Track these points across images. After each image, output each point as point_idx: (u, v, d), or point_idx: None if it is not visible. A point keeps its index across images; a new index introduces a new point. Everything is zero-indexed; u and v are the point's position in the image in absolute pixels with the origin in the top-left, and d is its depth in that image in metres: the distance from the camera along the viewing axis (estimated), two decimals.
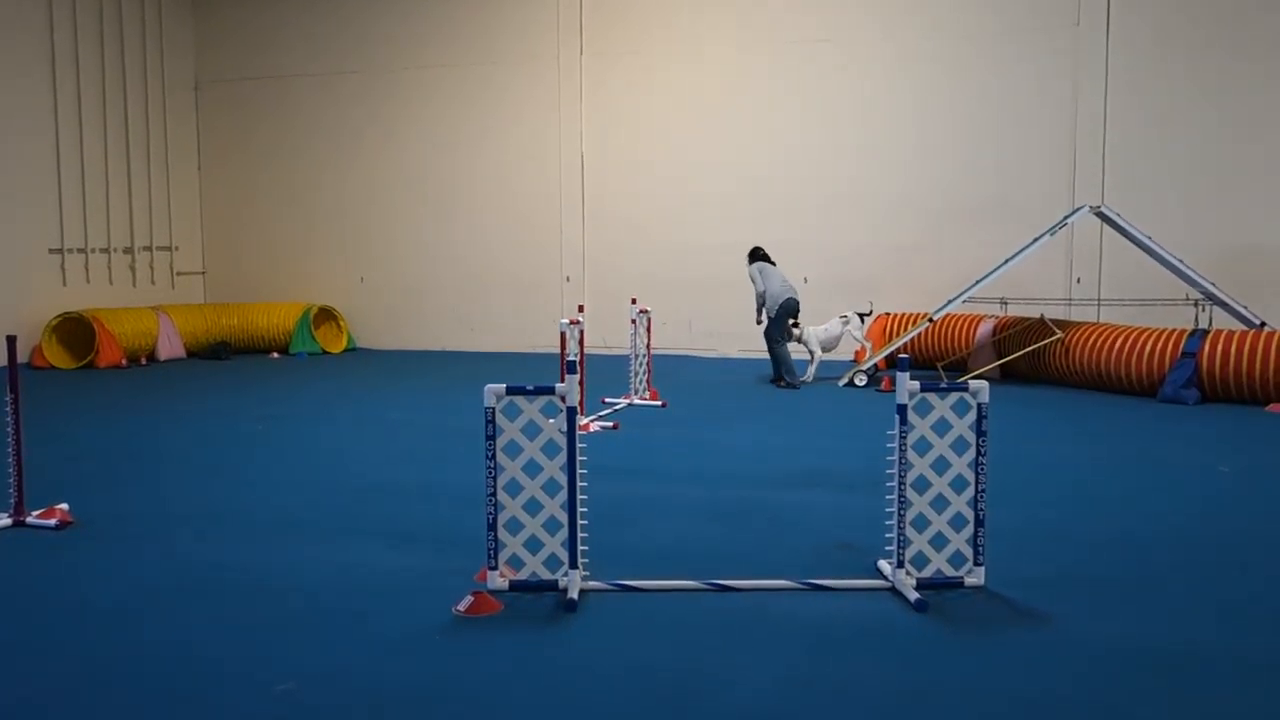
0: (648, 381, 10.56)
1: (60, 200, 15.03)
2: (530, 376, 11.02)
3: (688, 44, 14.85)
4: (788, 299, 11.71)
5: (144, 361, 14.86)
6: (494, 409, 4.71)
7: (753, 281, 11.93)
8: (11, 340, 6.11)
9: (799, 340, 11.99)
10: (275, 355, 15.77)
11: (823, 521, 6.08)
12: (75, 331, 14.64)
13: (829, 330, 12.27)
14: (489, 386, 4.72)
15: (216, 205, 17.35)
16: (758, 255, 12.11)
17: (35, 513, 6.04)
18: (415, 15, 15.96)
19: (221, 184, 17.31)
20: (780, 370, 11.84)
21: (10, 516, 6.01)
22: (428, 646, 4.21)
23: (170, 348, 15.28)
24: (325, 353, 15.85)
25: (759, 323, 11.95)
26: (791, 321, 11.85)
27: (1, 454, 6.36)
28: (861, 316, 12.53)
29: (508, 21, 15.55)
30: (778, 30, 14.45)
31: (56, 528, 5.95)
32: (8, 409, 6.05)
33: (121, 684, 3.88)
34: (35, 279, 14.71)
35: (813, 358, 12.17)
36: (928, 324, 11.93)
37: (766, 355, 12.19)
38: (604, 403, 10.21)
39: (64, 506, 6.15)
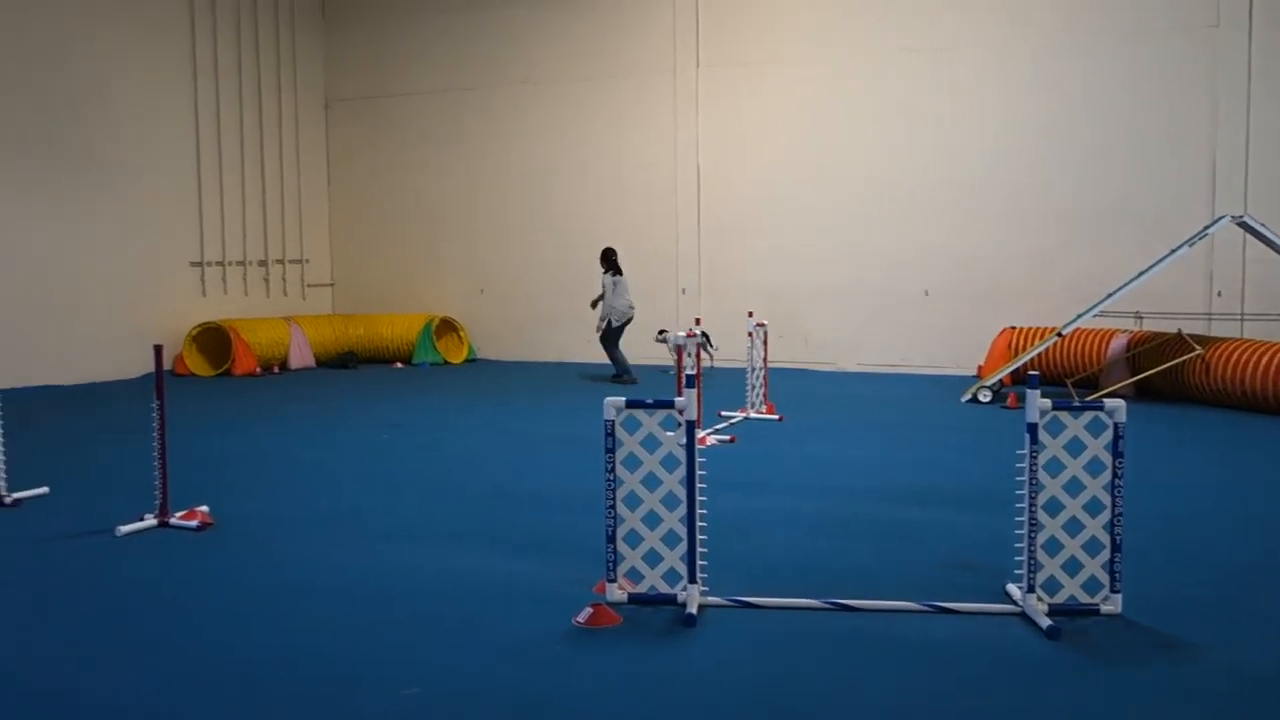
0: (764, 395, 10.50)
1: (201, 216, 15.70)
2: (645, 388, 11.09)
3: (804, 52, 14.75)
4: (629, 316, 13.64)
5: (276, 370, 15.40)
6: (614, 422, 4.74)
7: (604, 288, 13.57)
8: (158, 349, 6.41)
9: (665, 342, 13.92)
10: (399, 365, 16.17)
11: (946, 541, 5.95)
12: (213, 340, 15.27)
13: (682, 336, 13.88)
14: (609, 399, 4.75)
15: (344, 219, 17.90)
16: (614, 264, 13.59)
17: (178, 514, 6.32)
18: (533, 31, 16.23)
19: (349, 199, 17.86)
20: (620, 371, 13.57)
21: (155, 517, 6.29)
22: (549, 656, 4.25)
23: (301, 357, 15.81)
24: (447, 363, 16.20)
25: (600, 329, 13.72)
26: (661, 330, 14.28)
27: (147, 457, 6.66)
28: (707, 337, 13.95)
29: (625, 35, 15.69)
30: (896, 35, 14.24)
31: (197, 529, 6.21)
32: (154, 414, 6.34)
33: (253, 682, 4.02)
34: (177, 290, 15.39)
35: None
36: (1056, 339, 11.57)
37: (896, 370, 12.12)
38: (720, 416, 10.18)
39: (204, 509, 6.42)
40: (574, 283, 16.18)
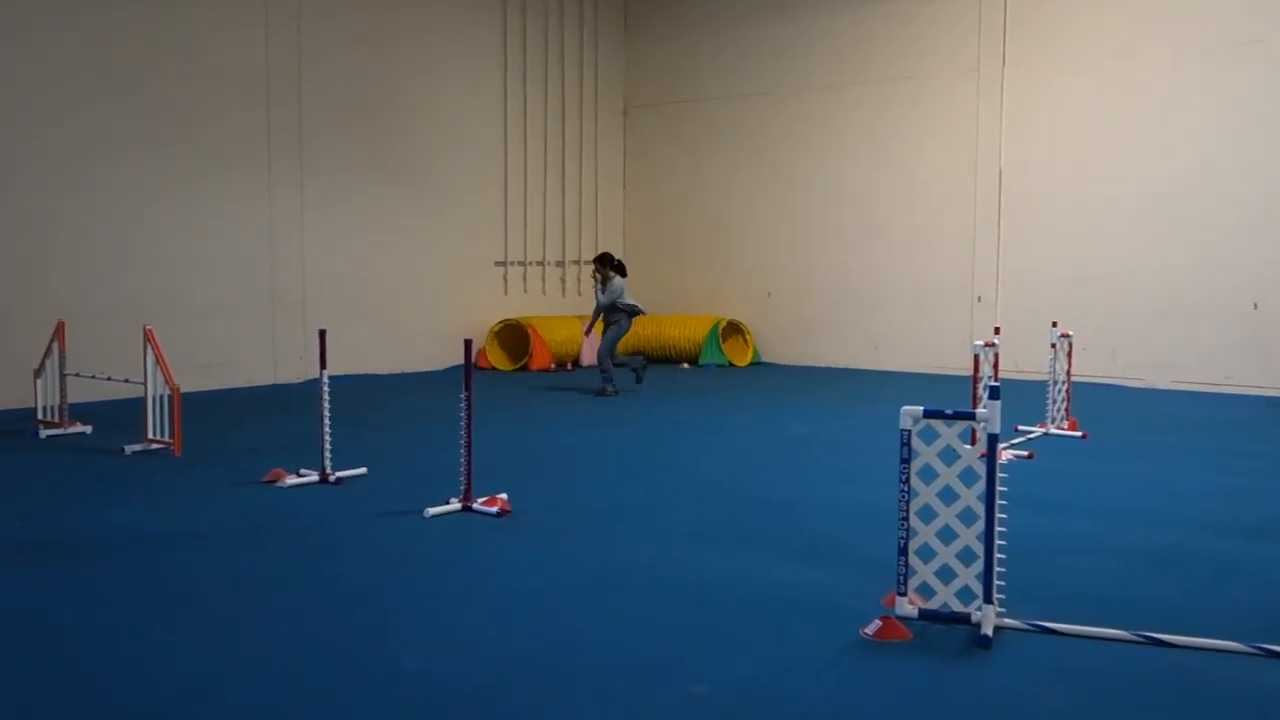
0: (1066, 410, 9.88)
1: (505, 217, 16.63)
2: (936, 399, 10.68)
3: (1123, 50, 13.75)
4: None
5: (569, 366, 16.06)
6: (910, 431, 4.58)
7: (617, 291, 12.75)
8: (468, 343, 6.83)
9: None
10: (685, 366, 16.46)
11: None
12: (513, 336, 16.13)
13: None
14: (905, 408, 4.59)
15: (637, 222, 18.43)
16: (617, 263, 12.98)
17: (480, 500, 6.69)
18: (829, 34, 16.06)
19: (642, 202, 18.37)
20: (609, 382, 12.79)
21: (460, 502, 6.70)
22: (835, 667, 4.16)
23: (593, 355, 16.38)
24: (732, 365, 16.32)
25: (588, 333, 13.37)
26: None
27: (453, 444, 7.10)
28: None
29: (924, 35, 15.23)
30: (1233, 30, 13.01)
31: (497, 515, 6.55)
32: (462, 405, 6.75)
33: (541, 668, 4.18)
34: (482, 288, 16.36)
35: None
36: None
37: (1219, 389, 11.22)
38: (1017, 430, 9.67)
39: (504, 496, 6.76)
40: (863, 288, 15.90)
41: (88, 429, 9.63)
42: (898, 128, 15.53)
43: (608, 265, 12.92)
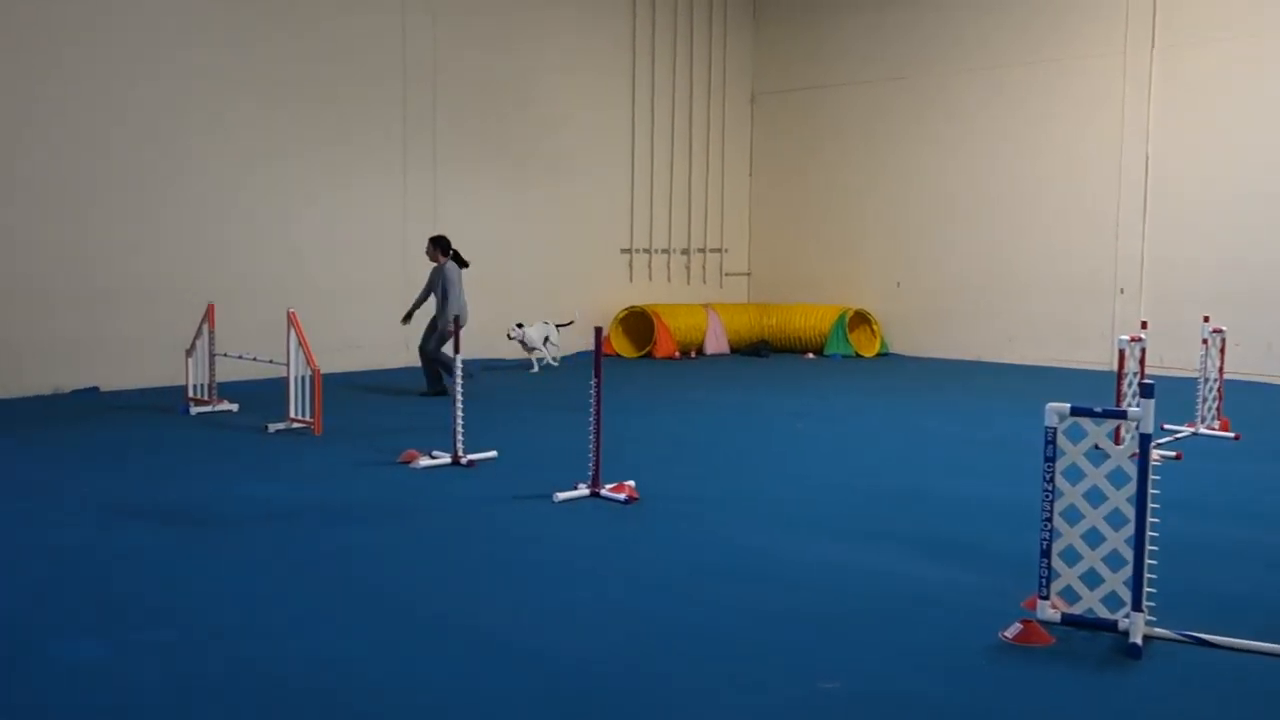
0: (1218, 409, 9.41)
1: (631, 205, 16.67)
2: (1075, 394, 10.31)
3: (1278, 28, 13.01)
4: (465, 317, 10.72)
5: (693, 355, 16.05)
6: (1055, 429, 4.40)
7: (447, 284, 10.96)
8: (598, 331, 6.86)
9: (519, 340, 13.61)
10: (810, 355, 16.26)
11: None
12: (637, 324, 16.19)
13: (538, 331, 13.94)
14: (1051, 405, 4.42)
15: (763, 210, 18.26)
16: (453, 253, 11.21)
17: (608, 486, 6.72)
18: (966, 16, 15.60)
19: (769, 190, 18.19)
20: (438, 380, 11.11)
21: (588, 487, 6.74)
22: (973, 669, 4.04)
23: (716, 343, 16.36)
24: (858, 356, 16.07)
25: (406, 321, 11.35)
26: (518, 324, 13.44)
27: (580, 429, 7.15)
28: (559, 327, 14.21)
29: (1066, 17, 14.66)
30: None
31: (625, 502, 6.57)
32: (590, 391, 6.78)
33: (668, 654, 4.16)
34: (607, 276, 16.45)
35: (533, 353, 13.85)
36: None
37: None
38: (1164, 429, 9.26)
39: (631, 483, 6.78)
40: (998, 279, 15.45)
41: (234, 407, 10.03)
42: (1038, 112, 15.01)
43: (443, 251, 11.17)
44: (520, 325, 13.73)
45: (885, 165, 16.66)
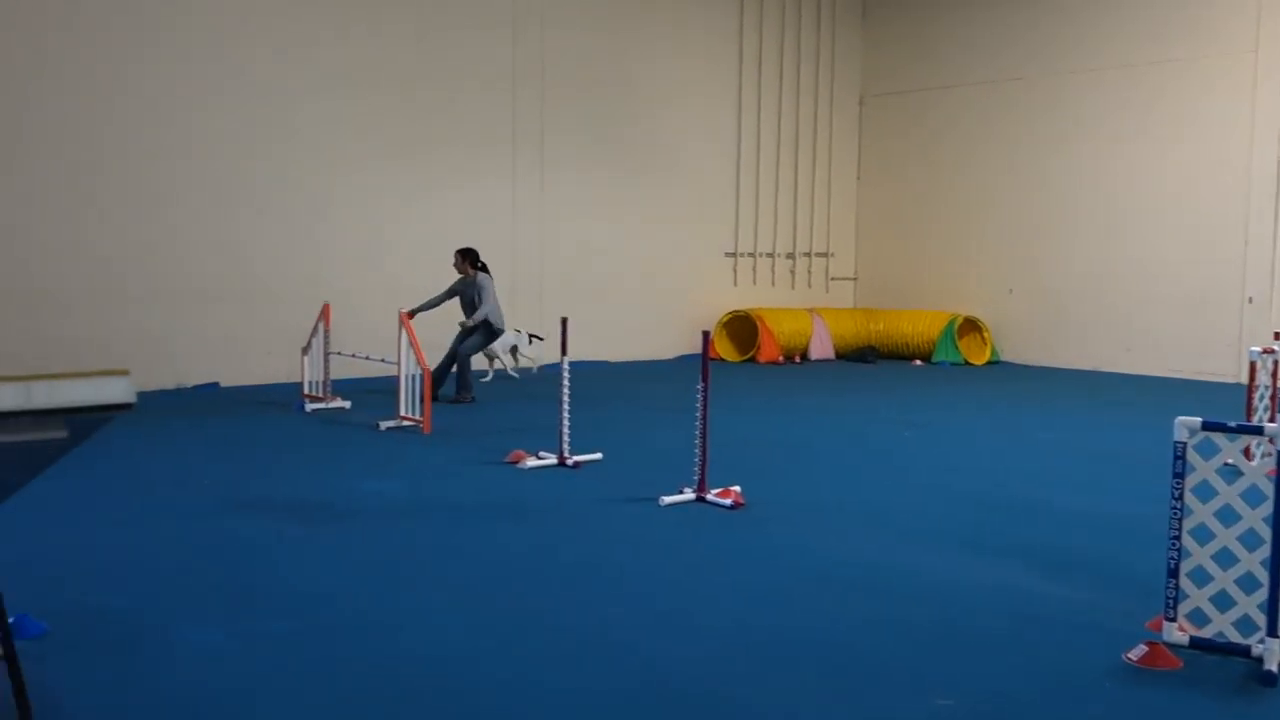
0: None
1: (737, 208, 16.60)
2: (1197, 407, 9.92)
3: None
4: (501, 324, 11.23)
5: (797, 360, 15.90)
6: (1185, 444, 4.23)
7: (482, 292, 10.93)
8: (706, 335, 6.83)
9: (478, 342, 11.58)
10: (918, 362, 15.97)
11: None
12: (741, 328, 16.10)
13: (508, 340, 12.69)
14: (1181, 419, 4.25)
15: (871, 214, 18.01)
16: (481, 264, 11.16)
17: (714, 491, 6.68)
18: (1088, 14, 15.13)
19: (877, 194, 17.92)
20: (466, 387, 10.95)
21: (694, 492, 6.72)
22: (1096, 691, 3.90)
23: (821, 348, 16.19)
24: (967, 364, 15.72)
25: (466, 325, 11.01)
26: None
27: (683, 433, 7.13)
28: (531, 338, 13.12)
29: (1196, 13, 14.11)
30: None
31: (730, 507, 6.53)
32: (697, 395, 6.76)
33: (776, 663, 4.11)
34: (711, 279, 16.41)
35: (491, 363, 12.74)
36: None
37: None
38: None
39: (737, 489, 6.73)
40: (1117, 286, 14.95)
41: (347, 404, 10.28)
42: (1162, 114, 14.48)
43: (471, 263, 11.08)
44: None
45: (998, 169, 16.27)
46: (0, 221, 10.41)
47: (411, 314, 10.59)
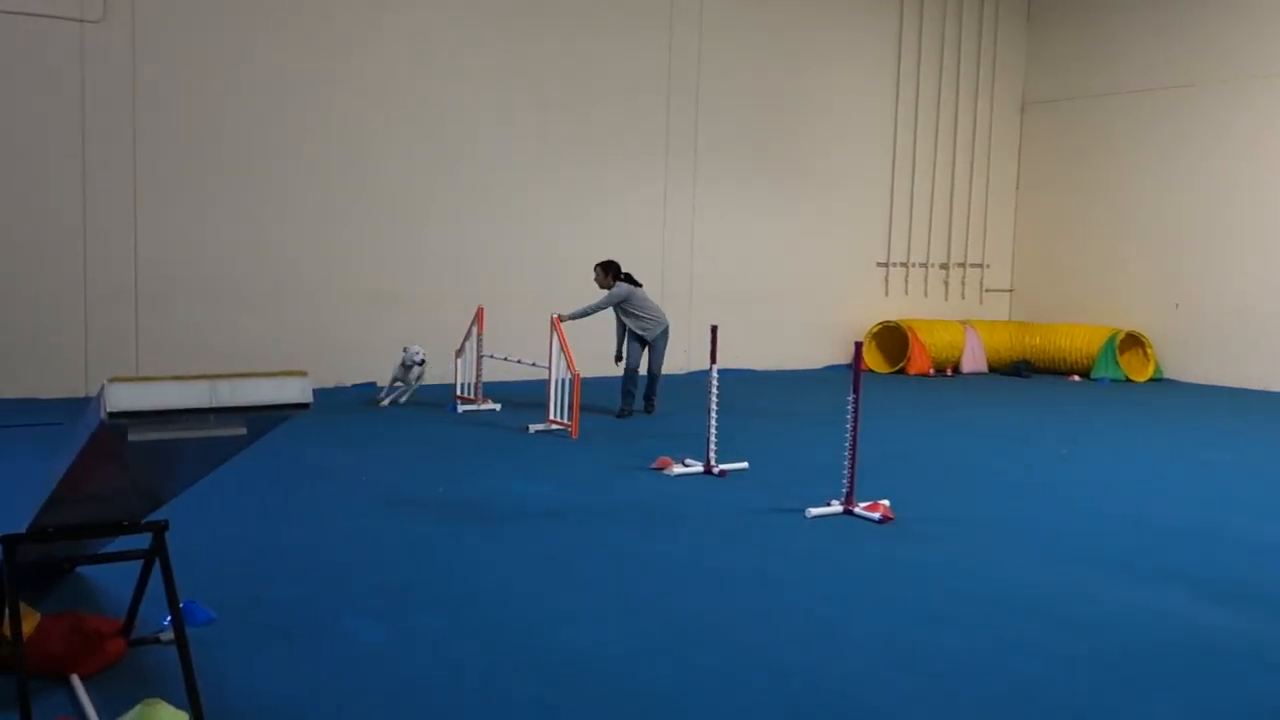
0: None
1: (890, 217, 16.33)
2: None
3: None
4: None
5: (949, 373, 15.53)
6: None
7: (635, 301, 10.36)
8: (858, 346, 6.75)
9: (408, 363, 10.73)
10: (1075, 378, 15.40)
11: None
12: (891, 339, 15.83)
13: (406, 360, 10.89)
14: None
15: (1030, 225, 17.45)
16: (625, 274, 10.54)
17: (863, 505, 6.60)
18: (1260, 19, 14.32)
19: (1037, 204, 17.35)
20: (633, 399, 10.47)
21: (842, 505, 6.64)
22: None
23: (974, 361, 15.77)
24: (1129, 380, 15.07)
25: (620, 358, 10.53)
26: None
27: (832, 444, 7.05)
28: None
29: None
30: None
31: (879, 521, 6.43)
32: (848, 406, 6.68)
33: (926, 681, 4.02)
34: (862, 289, 16.18)
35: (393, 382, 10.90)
36: None
37: None
38: None
39: (886, 502, 6.63)
40: None
41: (497, 407, 10.54)
42: None
43: (614, 275, 10.46)
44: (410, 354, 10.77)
45: (1164, 179, 15.55)
46: (195, 225, 11.05)
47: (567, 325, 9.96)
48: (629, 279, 10.59)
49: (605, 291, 10.33)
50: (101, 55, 10.44)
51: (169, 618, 3.88)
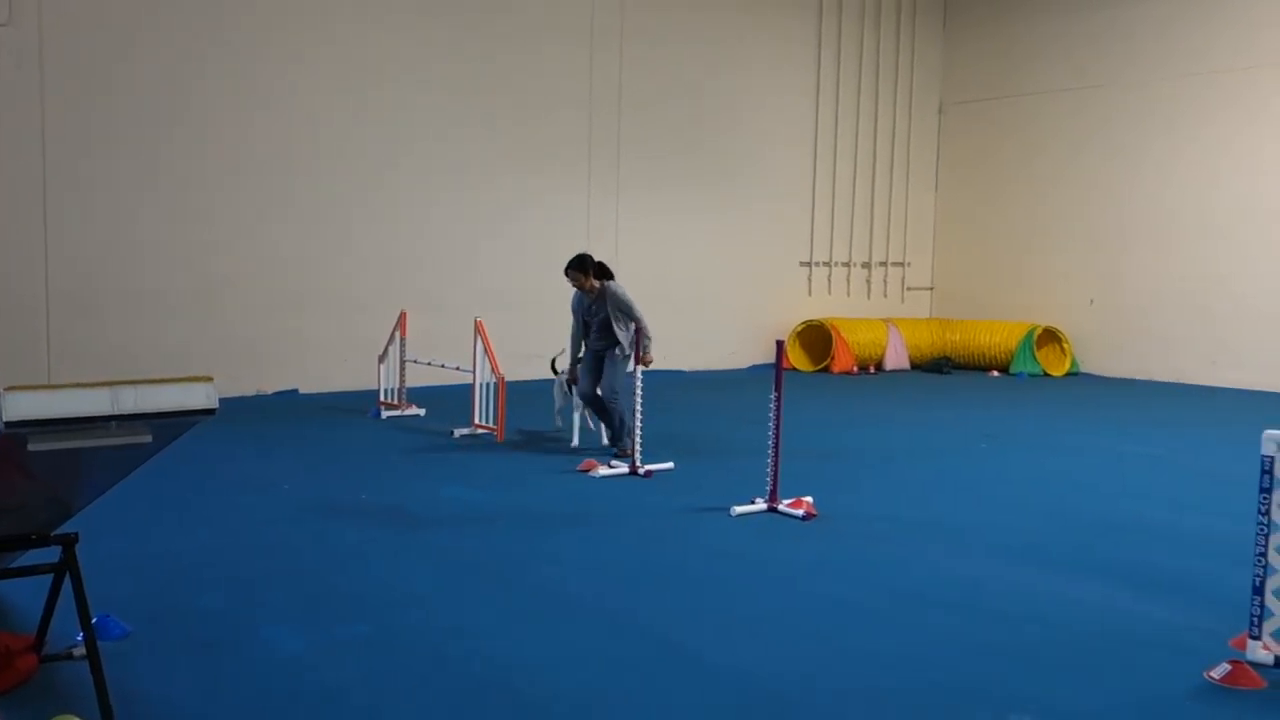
0: None
1: (813, 217, 16.51)
2: None
3: None
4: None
5: (872, 370, 15.75)
6: (1274, 458, 4.12)
7: (630, 305, 8.48)
8: (779, 345, 6.82)
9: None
10: (995, 373, 15.72)
11: None
12: (815, 337, 16.01)
13: None
14: (1269, 432, 4.14)
15: (949, 224, 17.78)
16: (607, 270, 8.64)
17: (786, 502, 6.66)
18: (1173, 20, 14.79)
19: (954, 203, 17.69)
20: (622, 430, 8.40)
21: (766, 502, 6.70)
22: (1177, 710, 3.82)
23: (896, 359, 16.01)
24: (1046, 375, 15.44)
25: (644, 362, 8.18)
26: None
27: (755, 443, 7.11)
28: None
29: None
30: None
31: (803, 518, 6.50)
32: (770, 405, 6.75)
33: (848, 677, 4.08)
34: (785, 288, 16.34)
35: None
36: None
37: None
38: None
39: (809, 499, 6.70)
40: (1202, 297, 14.58)
41: (422, 411, 10.44)
42: (1255, 121, 14.09)
43: (598, 273, 8.65)
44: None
45: (1080, 178, 15.97)
46: (110, 230, 10.77)
47: (568, 368, 8.90)
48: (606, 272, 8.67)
49: (629, 300, 8.54)
50: (7, 59, 10.14)
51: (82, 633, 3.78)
